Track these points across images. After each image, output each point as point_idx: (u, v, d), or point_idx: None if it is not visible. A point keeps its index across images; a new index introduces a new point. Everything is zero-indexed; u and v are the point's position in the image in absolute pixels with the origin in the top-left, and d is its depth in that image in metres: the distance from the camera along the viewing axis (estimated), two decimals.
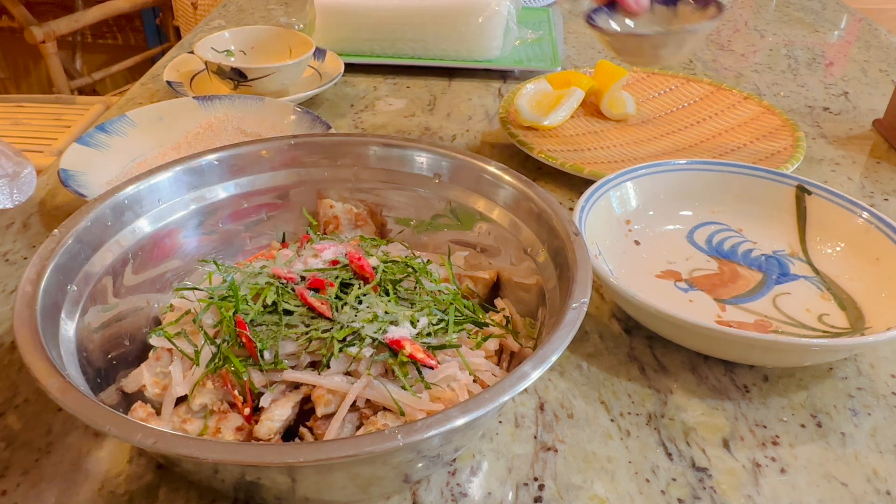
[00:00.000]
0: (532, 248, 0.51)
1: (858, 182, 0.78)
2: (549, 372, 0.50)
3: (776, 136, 0.82)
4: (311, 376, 0.42)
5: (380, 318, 0.44)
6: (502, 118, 0.83)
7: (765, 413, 0.49)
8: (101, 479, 0.44)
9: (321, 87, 0.91)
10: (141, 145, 0.75)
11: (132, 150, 0.75)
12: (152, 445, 0.33)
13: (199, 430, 0.42)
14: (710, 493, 0.44)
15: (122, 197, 0.50)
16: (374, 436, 0.34)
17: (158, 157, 0.73)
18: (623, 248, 0.63)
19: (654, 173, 0.66)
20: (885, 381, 0.52)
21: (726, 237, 0.65)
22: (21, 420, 0.47)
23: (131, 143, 0.75)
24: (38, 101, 1.67)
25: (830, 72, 1.09)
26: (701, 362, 0.53)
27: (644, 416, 0.49)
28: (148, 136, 0.76)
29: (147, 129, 0.77)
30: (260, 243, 0.59)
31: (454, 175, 0.56)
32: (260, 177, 0.58)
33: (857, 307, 0.57)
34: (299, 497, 0.40)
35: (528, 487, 0.44)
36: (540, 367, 0.37)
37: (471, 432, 0.44)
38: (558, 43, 1.12)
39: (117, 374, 0.46)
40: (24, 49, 2.35)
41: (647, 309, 0.50)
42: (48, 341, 0.39)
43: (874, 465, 0.46)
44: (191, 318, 0.47)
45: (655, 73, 0.98)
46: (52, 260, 0.44)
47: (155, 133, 0.77)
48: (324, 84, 0.92)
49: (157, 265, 0.53)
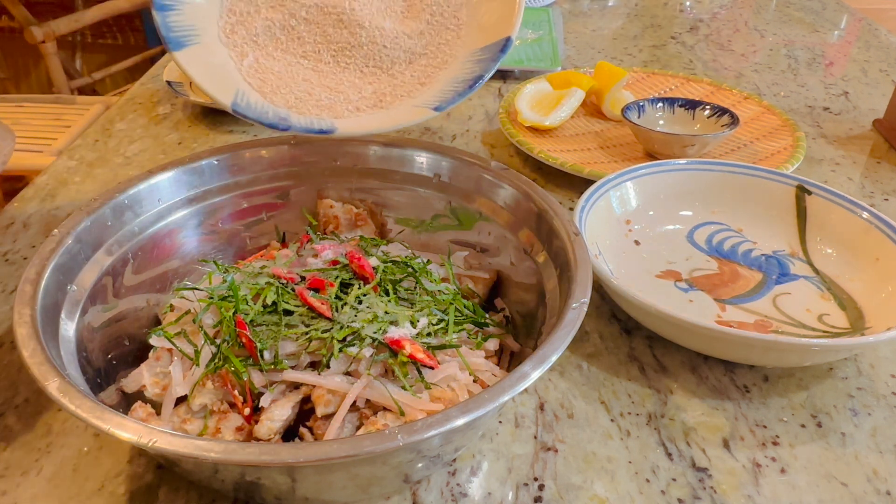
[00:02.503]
0: (532, 248, 0.51)
1: (858, 182, 0.78)
2: (549, 372, 0.50)
3: (776, 136, 0.82)
4: (311, 376, 0.42)
5: (380, 318, 0.44)
6: (502, 118, 0.83)
7: (765, 413, 0.49)
8: (101, 479, 0.44)
9: None
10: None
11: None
12: (152, 445, 0.33)
13: (199, 430, 0.42)
14: (710, 493, 0.44)
15: (122, 197, 0.50)
16: (374, 436, 0.34)
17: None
18: (623, 248, 0.63)
19: (654, 173, 0.66)
20: (885, 381, 0.52)
21: (726, 237, 0.65)
22: (21, 420, 0.47)
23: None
24: (38, 101, 1.67)
25: (830, 72, 1.09)
26: (701, 362, 0.53)
27: (644, 416, 0.49)
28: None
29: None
30: (260, 243, 0.59)
31: (454, 175, 0.56)
32: (260, 177, 0.58)
33: (857, 307, 0.57)
34: (299, 497, 0.40)
35: (528, 487, 0.44)
36: (540, 367, 0.37)
37: (471, 432, 0.44)
38: (558, 43, 1.12)
39: (117, 374, 0.46)
40: (24, 49, 2.34)
41: (647, 309, 0.50)
42: (48, 341, 0.39)
43: (874, 465, 0.46)
44: (191, 318, 0.47)
45: (655, 73, 0.98)
46: (52, 260, 0.44)
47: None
48: None
49: (157, 265, 0.53)
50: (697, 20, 1.32)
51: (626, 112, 0.80)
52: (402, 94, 0.54)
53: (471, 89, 0.53)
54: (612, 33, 1.25)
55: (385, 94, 0.55)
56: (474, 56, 0.55)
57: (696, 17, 1.34)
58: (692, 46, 1.19)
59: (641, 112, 0.81)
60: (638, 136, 0.79)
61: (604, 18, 1.32)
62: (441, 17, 0.56)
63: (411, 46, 0.56)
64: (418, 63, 0.55)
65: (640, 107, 0.81)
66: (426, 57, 0.56)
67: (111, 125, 0.88)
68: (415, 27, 0.56)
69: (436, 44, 0.56)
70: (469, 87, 0.53)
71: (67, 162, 0.80)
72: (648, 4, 1.41)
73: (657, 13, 1.35)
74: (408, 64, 0.56)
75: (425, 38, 0.56)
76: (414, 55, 0.56)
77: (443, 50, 0.56)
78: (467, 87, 0.53)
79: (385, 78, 0.55)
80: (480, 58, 0.55)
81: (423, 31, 0.56)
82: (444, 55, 0.56)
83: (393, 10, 0.57)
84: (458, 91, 0.53)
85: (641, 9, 1.38)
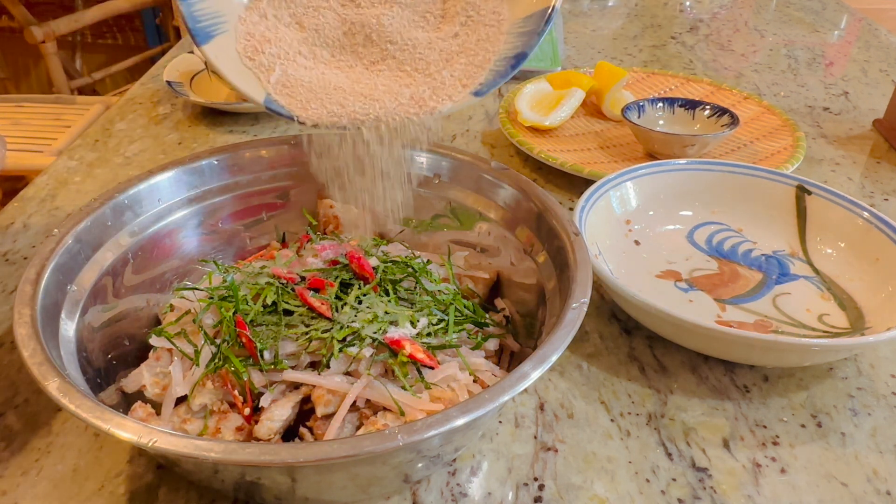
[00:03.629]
0: (532, 248, 0.51)
1: (858, 182, 0.78)
2: (549, 372, 0.50)
3: (776, 136, 0.82)
4: (311, 376, 0.42)
5: (380, 318, 0.44)
6: (502, 118, 0.83)
7: (765, 413, 0.49)
8: (101, 479, 0.44)
9: None
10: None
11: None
12: (152, 445, 0.33)
13: (199, 430, 0.42)
14: (710, 493, 0.44)
15: (122, 197, 0.50)
16: (374, 436, 0.34)
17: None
18: (623, 248, 0.63)
19: (654, 173, 0.66)
20: (885, 381, 0.52)
21: (726, 237, 0.65)
22: (21, 420, 0.47)
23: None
24: (38, 101, 1.67)
25: (830, 72, 1.09)
26: (701, 362, 0.53)
27: (644, 416, 0.49)
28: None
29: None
30: (260, 243, 0.59)
31: (454, 175, 0.56)
32: (260, 177, 0.58)
33: (857, 307, 0.57)
34: (299, 497, 0.40)
35: (528, 487, 0.44)
36: (540, 367, 0.37)
37: (471, 432, 0.44)
38: (558, 43, 1.12)
39: (117, 374, 0.46)
40: (24, 49, 2.34)
41: (647, 309, 0.50)
42: (48, 341, 0.39)
43: (874, 465, 0.46)
44: (191, 318, 0.47)
45: (655, 73, 0.98)
46: (52, 260, 0.44)
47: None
48: None
49: (157, 265, 0.53)
50: (697, 20, 1.32)
51: (626, 112, 0.80)
52: (444, 98, 0.49)
53: (513, 69, 0.48)
54: (612, 33, 1.25)
55: (424, 98, 0.49)
56: (515, 28, 0.50)
57: (696, 17, 1.34)
58: (692, 46, 1.19)
59: (641, 112, 0.81)
60: (638, 136, 0.79)
61: (604, 18, 1.32)
62: (478, 14, 0.51)
63: (447, 47, 0.51)
64: (457, 62, 0.50)
65: (640, 107, 0.81)
66: (464, 55, 0.50)
67: (111, 125, 0.88)
68: (449, 30, 0.52)
69: (474, 41, 0.50)
70: (511, 67, 0.48)
71: (67, 162, 0.80)
72: (648, 4, 1.41)
73: (657, 13, 1.35)
74: (446, 62, 0.50)
75: (460, 38, 0.51)
76: (451, 54, 0.51)
77: (483, 46, 0.50)
78: (509, 66, 0.48)
79: (422, 79, 0.50)
80: (522, 30, 0.49)
81: (458, 32, 0.51)
82: (486, 52, 0.50)
83: (425, 20, 0.52)
84: (499, 72, 0.48)
85: (641, 9, 1.38)
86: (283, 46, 0.49)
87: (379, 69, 0.50)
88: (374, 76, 0.50)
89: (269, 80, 0.48)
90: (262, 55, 0.49)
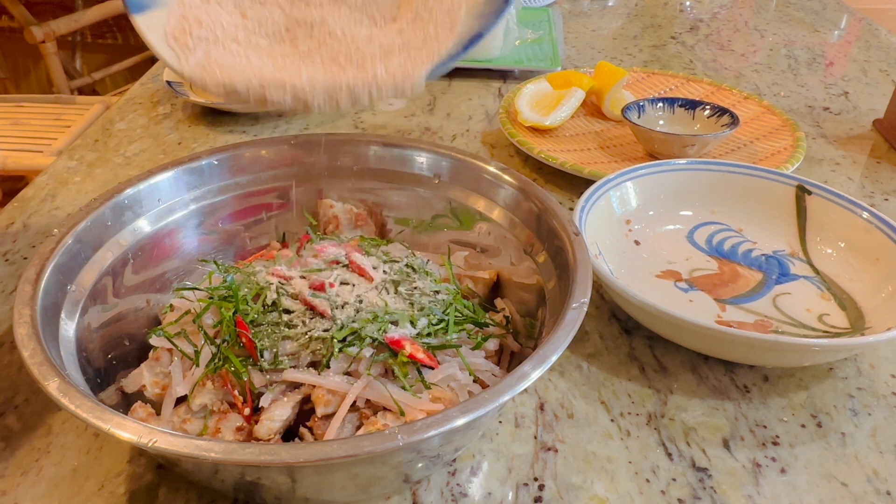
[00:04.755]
0: (532, 248, 0.51)
1: (858, 182, 0.78)
2: (549, 372, 0.50)
3: (776, 136, 0.82)
4: (311, 376, 0.42)
5: (380, 318, 0.44)
6: (502, 118, 0.83)
7: (765, 413, 0.49)
8: (101, 479, 0.44)
9: None
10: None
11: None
12: (152, 445, 0.33)
13: (199, 430, 0.42)
14: (710, 493, 0.44)
15: (122, 197, 0.50)
16: (374, 436, 0.34)
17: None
18: (623, 248, 0.63)
19: (655, 173, 0.66)
20: (885, 381, 0.52)
21: (726, 237, 0.65)
22: (21, 420, 0.47)
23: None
24: (38, 101, 1.67)
25: (830, 72, 1.09)
26: (701, 362, 0.53)
27: (644, 416, 0.49)
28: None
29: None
30: (260, 243, 0.59)
31: (454, 175, 0.56)
32: (260, 177, 0.58)
33: (857, 307, 0.57)
34: (299, 497, 0.40)
35: (528, 487, 0.44)
36: (540, 367, 0.37)
37: (471, 432, 0.44)
38: (558, 43, 1.12)
39: (117, 374, 0.46)
40: (24, 49, 2.34)
41: (647, 309, 0.50)
42: (48, 341, 0.39)
43: (874, 465, 0.46)
44: (191, 318, 0.46)
45: (655, 73, 0.98)
46: (52, 260, 0.44)
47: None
48: None
49: (157, 265, 0.53)
50: (697, 20, 1.32)
51: (626, 112, 0.80)
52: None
53: (465, 50, 0.45)
54: (612, 33, 1.25)
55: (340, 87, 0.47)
56: (475, 10, 0.47)
57: (696, 17, 1.34)
58: (692, 46, 1.19)
59: (641, 112, 0.81)
60: (638, 136, 0.79)
61: (604, 18, 1.32)
62: (429, 14, 0.49)
63: (388, 42, 0.48)
64: (396, 58, 0.47)
65: (640, 107, 0.81)
66: (406, 51, 0.48)
67: (111, 125, 0.88)
68: (395, 27, 0.50)
69: (420, 38, 0.48)
70: (463, 49, 0.45)
71: (67, 162, 0.80)
72: (648, 4, 1.41)
73: (657, 13, 1.35)
74: (384, 57, 0.48)
75: (405, 35, 0.48)
76: (391, 49, 0.48)
77: (429, 44, 0.48)
78: (461, 48, 0.45)
79: (352, 71, 0.47)
80: (481, 12, 0.47)
81: (404, 29, 0.49)
82: (431, 49, 0.48)
83: (373, 20, 0.50)
84: (450, 53, 0.45)
85: (641, 9, 1.38)
86: (217, 31, 0.48)
87: (312, 59, 0.48)
88: (302, 65, 0.48)
89: (188, 62, 0.46)
90: (187, 37, 0.47)
